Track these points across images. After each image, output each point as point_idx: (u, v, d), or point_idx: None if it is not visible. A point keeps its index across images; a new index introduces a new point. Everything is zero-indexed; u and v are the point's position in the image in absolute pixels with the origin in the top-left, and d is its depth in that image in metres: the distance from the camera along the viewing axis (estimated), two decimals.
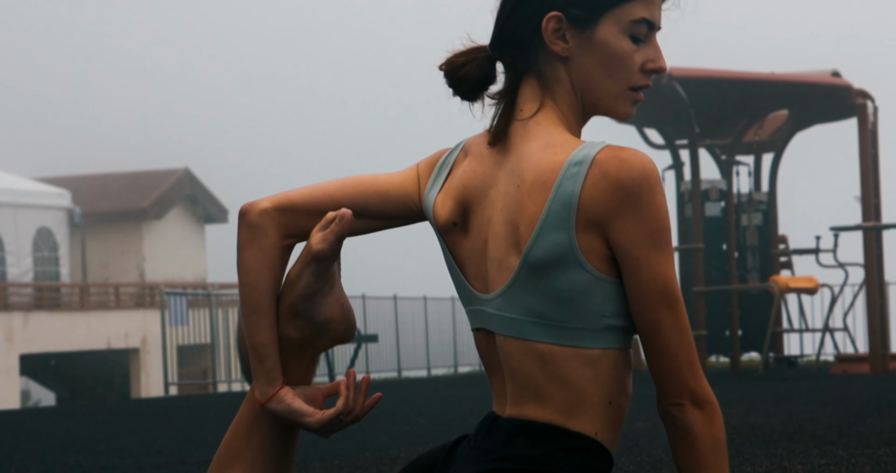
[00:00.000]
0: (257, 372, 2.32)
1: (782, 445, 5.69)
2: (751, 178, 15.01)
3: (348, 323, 2.36)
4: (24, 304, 30.38)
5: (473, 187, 2.27)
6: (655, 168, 2.16)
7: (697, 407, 2.16)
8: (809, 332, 14.84)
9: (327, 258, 2.30)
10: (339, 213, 2.30)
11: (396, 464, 5.47)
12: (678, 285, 2.18)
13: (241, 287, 2.33)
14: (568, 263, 2.14)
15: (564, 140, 2.21)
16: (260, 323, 2.32)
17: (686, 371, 2.16)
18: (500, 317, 2.21)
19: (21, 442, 7.91)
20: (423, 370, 22.64)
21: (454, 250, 2.31)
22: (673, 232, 15.51)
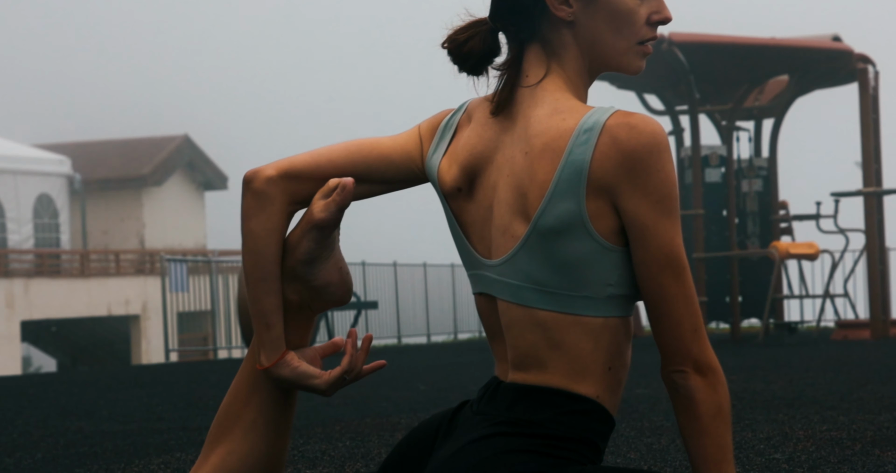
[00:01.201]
0: (264, 339, 2.32)
1: (783, 411, 5.70)
2: (751, 143, 14.98)
3: (346, 287, 2.37)
4: (24, 271, 30.41)
5: (479, 153, 2.26)
6: (664, 134, 2.15)
7: (700, 374, 2.16)
8: (810, 298, 14.85)
9: (329, 227, 2.31)
10: (341, 182, 2.30)
11: (397, 430, 5.48)
12: (684, 252, 2.18)
13: (248, 255, 2.32)
14: (576, 231, 2.14)
15: (572, 106, 2.20)
16: (267, 290, 2.31)
17: (690, 338, 2.16)
18: (504, 283, 2.21)
19: (23, 408, 7.93)
20: (422, 336, 22.67)
21: (458, 214, 2.30)
22: None
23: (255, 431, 2.37)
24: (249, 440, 2.38)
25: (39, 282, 30.08)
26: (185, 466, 4.58)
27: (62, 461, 4.98)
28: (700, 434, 2.16)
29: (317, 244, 2.31)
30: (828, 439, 4.63)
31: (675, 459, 4.21)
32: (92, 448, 5.41)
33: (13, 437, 6.03)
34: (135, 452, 5.17)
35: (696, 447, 2.17)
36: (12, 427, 6.56)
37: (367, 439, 5.20)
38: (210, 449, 2.39)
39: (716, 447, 2.16)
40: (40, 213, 33.45)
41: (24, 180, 32.81)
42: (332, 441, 5.17)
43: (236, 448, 2.37)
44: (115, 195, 35.93)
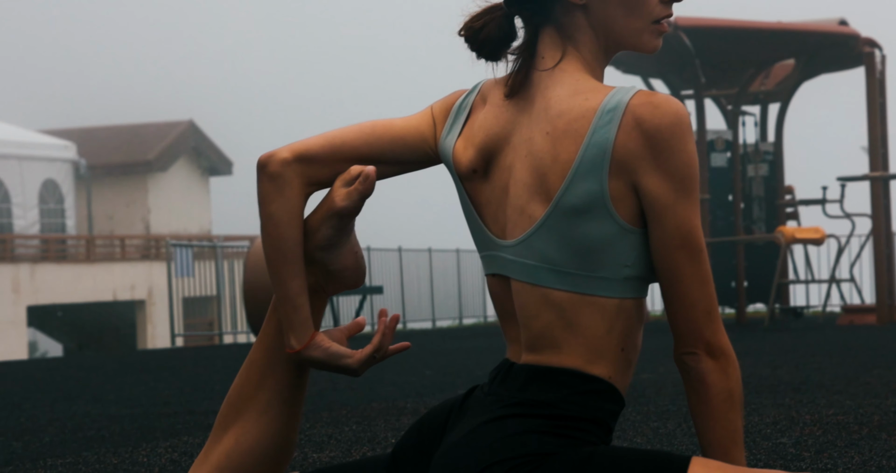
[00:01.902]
0: (292, 322, 2.31)
1: (789, 395, 5.70)
2: (757, 128, 14.96)
3: (360, 271, 2.38)
4: (30, 256, 30.43)
5: (496, 134, 2.26)
6: (687, 114, 2.15)
7: (712, 357, 2.16)
8: (816, 283, 14.84)
9: (350, 215, 2.31)
10: (364, 171, 2.29)
11: (403, 414, 5.48)
12: (702, 235, 2.18)
13: (270, 239, 2.31)
14: (597, 211, 2.14)
15: (593, 86, 2.20)
16: (292, 273, 2.31)
17: (703, 321, 2.16)
18: (519, 263, 2.21)
19: (30, 392, 7.94)
20: (427, 321, 22.68)
21: (473, 195, 2.30)
22: None
23: (268, 413, 2.38)
24: (263, 421, 2.38)
25: (45, 267, 30.11)
26: (193, 449, 4.59)
27: (70, 444, 4.99)
28: (710, 418, 2.16)
29: (336, 231, 2.32)
30: (834, 423, 4.63)
31: (682, 443, 4.21)
32: (99, 431, 5.42)
33: (21, 421, 6.04)
34: (142, 436, 5.17)
35: (705, 430, 2.17)
36: (20, 411, 6.58)
37: (373, 423, 5.20)
38: (223, 431, 2.40)
39: (725, 431, 2.16)
40: (46, 198, 33.46)
41: (30, 166, 32.81)
42: (338, 425, 5.18)
43: (250, 428, 2.38)
44: (121, 181, 35.93)
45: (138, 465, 4.25)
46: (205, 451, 2.41)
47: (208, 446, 2.41)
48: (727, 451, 2.17)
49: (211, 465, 2.39)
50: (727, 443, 2.17)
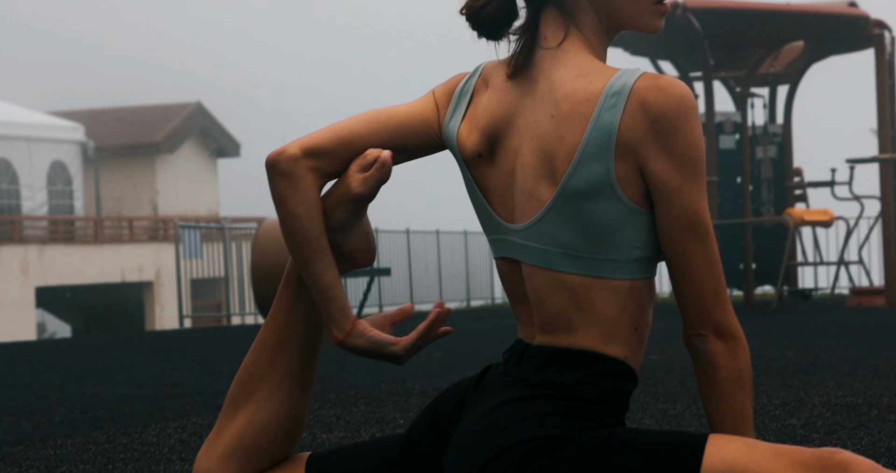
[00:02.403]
0: (330, 312, 2.31)
1: (798, 377, 5.70)
2: (766, 110, 14.93)
3: (371, 252, 2.38)
4: (38, 237, 30.46)
5: (500, 118, 2.25)
6: (693, 97, 2.15)
7: (721, 339, 2.16)
8: (824, 265, 14.82)
9: (365, 201, 2.31)
10: (380, 157, 2.29)
11: (412, 395, 5.49)
12: (709, 217, 2.17)
13: (294, 236, 2.30)
14: (604, 194, 2.14)
15: (597, 68, 2.19)
16: (323, 266, 2.30)
17: (711, 303, 2.16)
18: (529, 248, 2.21)
19: (39, 373, 7.96)
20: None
21: (479, 180, 2.29)
22: None
23: (279, 393, 2.39)
24: (274, 401, 2.39)
25: (53, 248, 30.15)
26: (202, 430, 4.60)
27: (79, 424, 5.00)
28: (719, 400, 2.16)
29: (350, 215, 2.32)
30: (843, 405, 4.63)
31: (691, 424, 4.22)
32: (108, 412, 5.43)
33: (30, 401, 6.05)
34: (151, 416, 5.19)
35: (715, 412, 2.17)
36: (29, 392, 6.59)
37: (381, 404, 5.21)
38: (233, 411, 2.40)
39: (735, 411, 2.16)
40: (54, 180, 33.48)
41: (38, 147, 32.83)
42: (346, 406, 5.18)
43: (261, 408, 2.38)
44: (129, 162, 35.94)
45: (148, 445, 4.26)
46: (215, 431, 2.41)
47: (219, 426, 2.41)
48: (737, 432, 2.17)
49: (222, 445, 2.40)
50: (737, 424, 2.17)
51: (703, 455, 2.07)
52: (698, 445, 2.09)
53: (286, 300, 2.39)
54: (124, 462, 3.89)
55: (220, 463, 2.38)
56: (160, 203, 36.00)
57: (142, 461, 3.90)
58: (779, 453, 2.07)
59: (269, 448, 2.39)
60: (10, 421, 5.24)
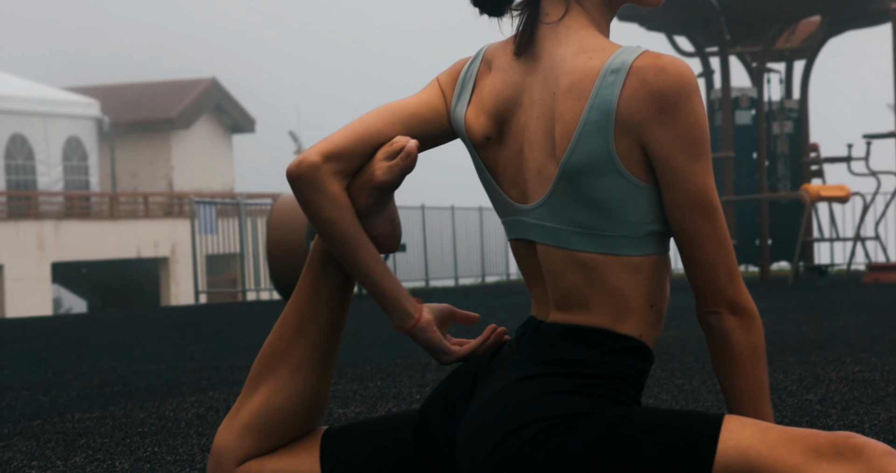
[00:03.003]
0: (385, 306, 2.34)
1: (815, 353, 5.69)
2: (782, 85, 14.88)
3: (396, 238, 2.37)
4: (54, 213, 30.54)
5: (506, 98, 2.24)
6: (694, 76, 2.13)
7: (735, 315, 2.15)
8: (840, 241, 14.79)
9: (390, 189, 2.31)
10: (407, 147, 2.28)
11: (427, 371, 5.50)
12: (716, 195, 2.16)
13: (333, 238, 2.30)
14: (607, 171, 2.13)
15: (598, 44, 2.18)
16: (369, 262, 2.31)
17: (724, 280, 2.15)
18: (541, 227, 2.20)
19: (56, 348, 7.98)
20: (450, 279, 22.69)
21: (489, 163, 2.29)
22: None
23: (300, 371, 2.39)
24: (295, 379, 2.39)
25: (69, 224, 30.21)
26: (218, 405, 4.61)
27: (96, 399, 5.02)
28: (736, 375, 2.16)
29: (375, 201, 2.31)
30: (860, 380, 4.62)
31: (707, 400, 4.21)
32: (125, 387, 5.44)
33: (48, 376, 6.07)
34: (168, 391, 5.20)
35: (732, 387, 2.17)
36: (46, 366, 6.61)
37: (397, 379, 5.22)
38: (254, 387, 2.41)
39: (752, 386, 2.16)
40: (69, 155, 33.54)
41: (54, 123, 32.88)
42: (363, 381, 5.19)
43: (282, 386, 2.39)
44: (144, 138, 35.99)
45: (165, 419, 4.28)
46: (236, 406, 2.42)
47: (240, 401, 2.42)
48: (755, 406, 2.16)
49: (242, 421, 2.40)
50: (755, 398, 2.17)
51: (717, 442, 2.06)
52: (713, 430, 2.08)
53: (309, 281, 2.39)
54: (142, 436, 3.90)
55: (238, 439, 2.39)
56: (175, 179, 36.05)
57: (159, 435, 3.91)
58: (793, 438, 2.07)
59: (286, 427, 2.40)
60: (27, 396, 5.26)
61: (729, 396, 2.18)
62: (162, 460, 3.42)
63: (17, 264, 28.77)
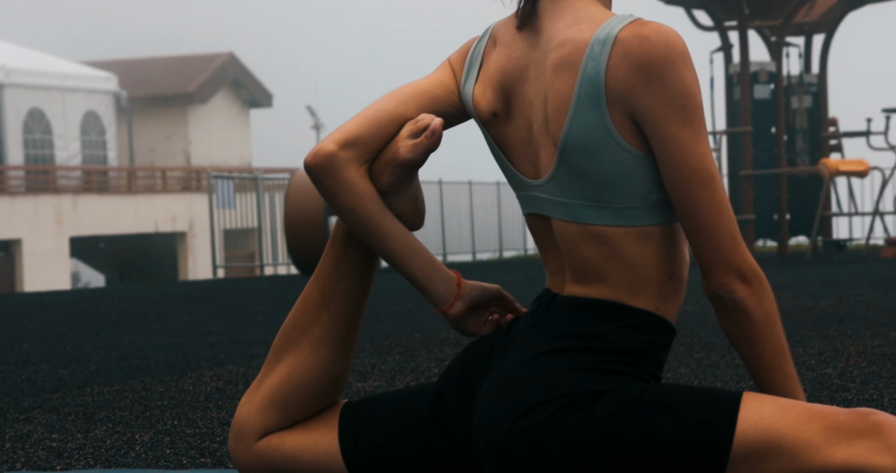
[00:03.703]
0: (418, 289, 2.34)
1: (834, 327, 5.68)
2: (801, 59, 14.83)
3: (419, 216, 2.37)
4: (72, 187, 30.60)
5: (510, 74, 2.24)
6: (680, 42, 2.11)
7: (745, 283, 2.13)
8: (859, 216, 14.75)
9: (414, 167, 2.30)
10: (432, 125, 2.28)
11: (446, 345, 5.50)
12: (712, 161, 2.13)
13: (356, 225, 2.31)
14: (605, 143, 2.12)
15: (591, 15, 2.17)
16: (395, 247, 2.31)
17: (730, 248, 2.12)
18: (553, 202, 2.20)
19: (75, 322, 8.01)
20: (468, 254, 22.69)
21: (499, 138, 2.29)
22: (721, 115, 15.22)
23: (321, 347, 2.39)
24: (316, 354, 2.39)
25: (87, 198, 30.28)
26: (237, 378, 4.63)
27: (115, 373, 5.04)
28: (756, 342, 2.15)
29: (399, 179, 2.31)
30: (879, 354, 4.61)
31: (725, 374, 4.21)
32: (144, 360, 5.46)
33: (67, 350, 6.09)
34: (187, 364, 5.21)
35: (753, 355, 2.16)
36: (66, 340, 6.64)
37: (415, 353, 5.22)
38: (276, 361, 2.41)
39: (773, 350, 2.15)
40: (87, 130, 33.58)
41: (72, 97, 32.91)
42: (381, 355, 5.20)
43: (304, 361, 2.39)
44: (162, 113, 36.01)
45: (184, 393, 4.29)
46: (257, 381, 2.43)
47: (261, 376, 2.42)
48: (780, 369, 2.15)
49: (263, 395, 2.41)
50: (778, 362, 2.15)
51: (736, 421, 2.06)
52: (732, 408, 2.08)
53: (331, 258, 2.39)
54: (161, 409, 3.92)
55: (258, 413, 2.40)
56: (193, 154, 36.08)
57: (178, 408, 3.92)
58: (813, 415, 2.06)
59: (307, 401, 2.40)
60: (47, 369, 5.28)
61: (751, 364, 2.16)
62: (181, 433, 3.43)
63: (35, 239, 28.85)
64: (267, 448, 2.40)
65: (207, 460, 3.01)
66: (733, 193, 14.14)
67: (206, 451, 3.12)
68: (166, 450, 3.16)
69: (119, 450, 3.19)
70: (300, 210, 13.18)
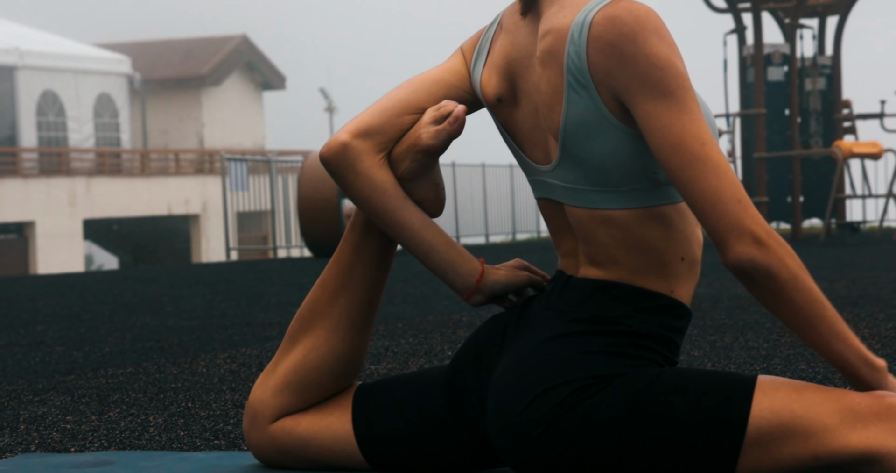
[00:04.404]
0: (443, 278, 2.34)
1: (847, 309, 5.67)
2: (815, 41, 14.78)
3: (439, 203, 2.37)
4: (85, 169, 30.64)
5: (514, 59, 2.25)
6: (651, 17, 2.09)
7: (762, 246, 2.04)
8: (873, 198, 14.72)
9: (436, 154, 2.31)
10: (455, 112, 2.28)
11: (459, 327, 5.50)
12: (700, 129, 2.07)
13: (374, 216, 2.32)
14: (602, 127, 2.12)
15: (576, 1, 2.17)
16: (415, 237, 2.32)
17: (738, 210, 2.04)
18: (563, 187, 2.20)
19: (89, 304, 8.03)
20: (481, 236, 22.69)
21: (507, 124, 2.29)
22: (734, 98, 15.11)
23: (338, 330, 2.40)
24: (333, 338, 2.40)
25: (100, 181, 30.32)
26: (251, 361, 4.63)
27: (129, 355, 5.04)
28: (791, 302, 2.06)
29: (420, 165, 2.32)
30: (893, 337, 4.61)
31: (739, 356, 4.21)
32: (158, 342, 5.47)
33: (80, 332, 6.11)
34: (200, 347, 5.22)
35: (793, 315, 2.07)
36: (79, 322, 6.65)
37: (429, 335, 5.22)
38: (292, 344, 2.42)
39: (811, 303, 2.06)
40: (100, 112, 33.61)
41: (85, 80, 32.94)
42: (394, 338, 5.20)
43: (320, 344, 2.40)
44: (175, 95, 36.03)
45: (198, 375, 4.30)
46: (273, 364, 2.43)
47: (276, 359, 2.43)
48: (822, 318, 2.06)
49: (278, 378, 2.42)
50: (819, 312, 2.06)
51: (751, 403, 2.05)
52: (747, 391, 2.07)
53: (351, 243, 2.40)
54: (175, 391, 3.92)
55: (273, 395, 2.41)
56: (206, 136, 36.10)
57: (192, 390, 3.93)
58: (828, 397, 2.06)
59: (322, 384, 2.41)
60: (61, 351, 5.29)
61: (795, 325, 2.07)
62: (195, 415, 3.44)
63: (48, 221, 28.90)
64: (281, 431, 2.41)
65: (221, 442, 3.01)
66: (747, 175, 14.12)
67: (219, 433, 3.13)
68: (180, 432, 3.17)
69: (133, 432, 3.19)
70: (313, 193, 13.19)
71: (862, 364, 2.08)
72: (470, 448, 2.31)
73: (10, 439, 3.17)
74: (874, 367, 2.08)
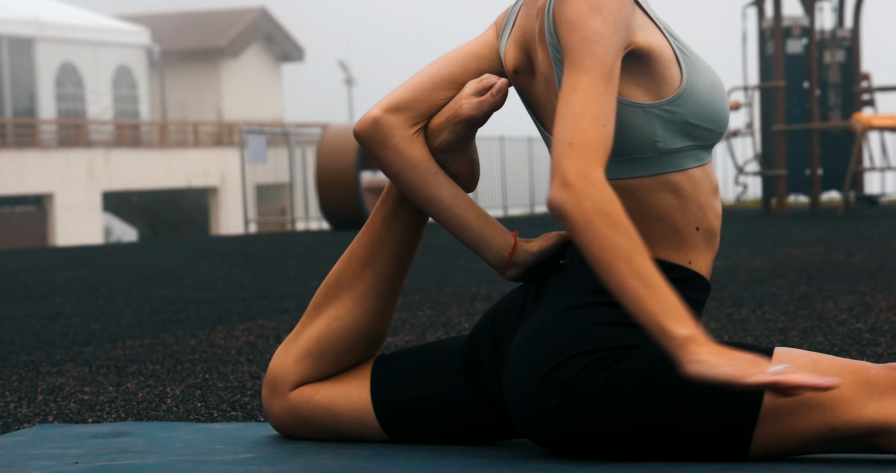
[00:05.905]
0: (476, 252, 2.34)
1: (865, 282, 5.66)
2: (834, 14, 14.71)
3: (474, 178, 2.39)
4: (104, 141, 30.67)
5: (528, 32, 2.27)
6: None
7: (565, 188, 2.00)
8: (891, 170, 14.66)
9: (477, 125, 2.31)
10: (498, 84, 2.29)
11: (476, 299, 5.51)
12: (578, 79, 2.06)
13: (407, 191, 2.33)
14: None
15: None
16: (446, 213, 2.33)
17: (563, 151, 2.03)
18: None
19: (107, 275, 8.05)
20: (499, 209, 22.67)
21: (524, 95, 2.33)
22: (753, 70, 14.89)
23: (363, 302, 2.41)
24: (357, 310, 2.41)
25: (119, 152, 30.35)
26: (268, 333, 4.64)
27: (147, 326, 5.06)
28: (584, 247, 2.02)
29: (458, 137, 2.33)
30: None
31: (756, 328, 4.21)
32: (176, 314, 5.49)
33: (99, 304, 6.13)
34: (218, 318, 5.24)
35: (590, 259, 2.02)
36: (98, 294, 6.67)
37: (446, 308, 5.23)
38: (316, 313, 2.43)
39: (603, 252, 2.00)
40: (119, 84, 33.62)
41: (103, 51, 32.94)
42: (412, 310, 5.21)
43: (344, 315, 2.41)
44: (193, 67, 36.01)
45: (215, 346, 4.31)
46: (295, 332, 2.45)
47: (299, 327, 2.44)
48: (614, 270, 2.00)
49: (299, 346, 2.43)
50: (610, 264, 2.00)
51: None
52: (765, 356, 2.07)
53: (382, 214, 2.41)
54: (192, 362, 3.94)
55: (294, 363, 2.42)
56: (225, 108, 36.10)
57: (210, 362, 3.94)
58: (844, 369, 2.06)
59: (344, 354, 2.42)
60: (79, 322, 5.31)
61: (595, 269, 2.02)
62: (213, 387, 3.45)
63: (67, 193, 28.96)
64: (300, 399, 2.42)
65: (238, 413, 3.03)
66: (765, 148, 14.08)
67: (237, 404, 3.14)
68: (197, 404, 3.18)
69: (150, 403, 3.21)
70: (332, 165, 13.19)
71: (657, 331, 1.97)
72: (487, 420, 2.32)
73: (28, 410, 3.18)
74: (669, 336, 1.96)
